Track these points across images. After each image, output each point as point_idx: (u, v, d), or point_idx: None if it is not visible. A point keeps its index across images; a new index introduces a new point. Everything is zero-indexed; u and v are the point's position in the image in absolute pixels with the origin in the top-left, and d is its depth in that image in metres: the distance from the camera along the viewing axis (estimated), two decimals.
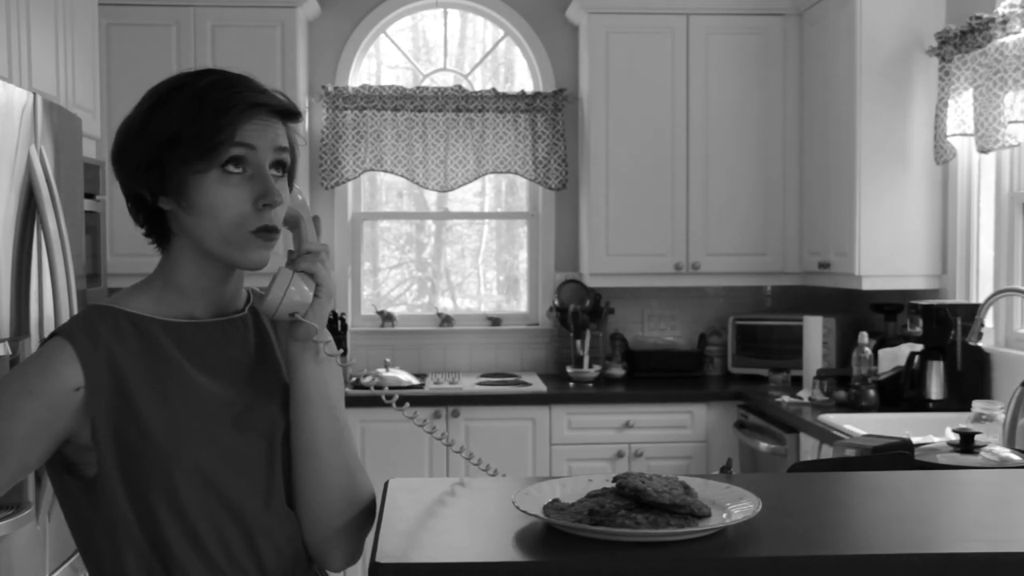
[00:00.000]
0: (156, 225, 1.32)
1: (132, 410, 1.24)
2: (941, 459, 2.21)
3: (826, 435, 3.16)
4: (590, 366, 4.40)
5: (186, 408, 1.27)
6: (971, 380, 3.44)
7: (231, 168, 1.24)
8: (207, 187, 1.24)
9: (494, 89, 4.52)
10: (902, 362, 3.52)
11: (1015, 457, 2.21)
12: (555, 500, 1.29)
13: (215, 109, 1.23)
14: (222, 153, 1.23)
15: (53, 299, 2.54)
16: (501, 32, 4.74)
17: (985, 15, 3.26)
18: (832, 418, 3.32)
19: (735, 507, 1.27)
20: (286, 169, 1.31)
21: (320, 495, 1.32)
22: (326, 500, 1.32)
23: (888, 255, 3.78)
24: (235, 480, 1.27)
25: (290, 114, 1.31)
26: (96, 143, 3.50)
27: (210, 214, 1.25)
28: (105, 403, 1.24)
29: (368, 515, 1.37)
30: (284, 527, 1.31)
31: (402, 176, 4.51)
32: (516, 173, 4.55)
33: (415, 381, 4.20)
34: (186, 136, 1.23)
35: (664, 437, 4.06)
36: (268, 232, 1.27)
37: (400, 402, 1.45)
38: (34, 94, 2.57)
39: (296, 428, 1.32)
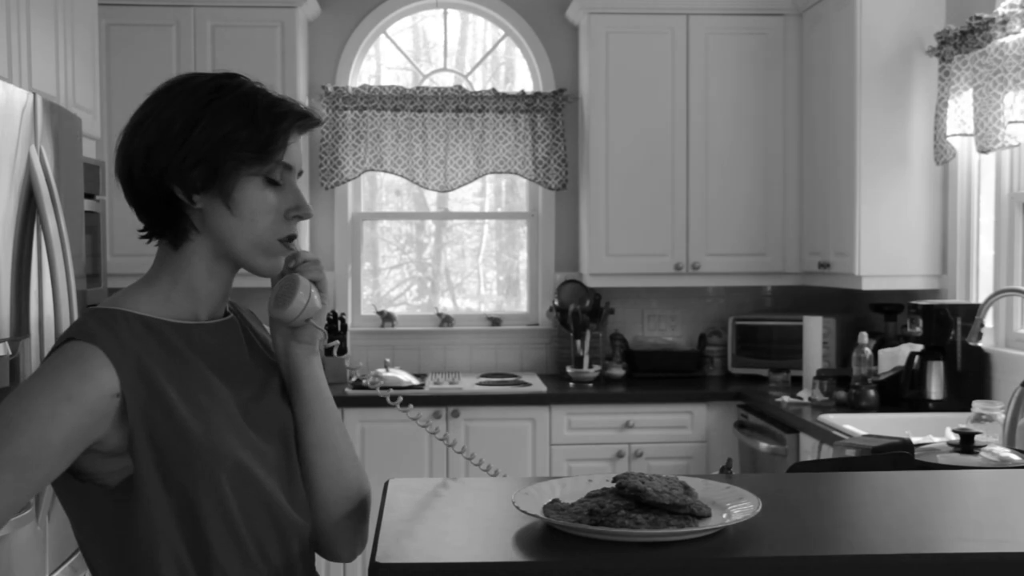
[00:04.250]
0: (170, 223, 1.30)
1: (167, 412, 1.22)
2: (941, 459, 2.21)
3: (826, 435, 3.16)
4: (590, 366, 4.40)
5: (214, 408, 1.27)
6: (971, 380, 3.44)
7: (275, 177, 1.30)
8: (252, 191, 1.29)
9: (494, 89, 4.52)
10: (902, 362, 3.52)
11: (1015, 457, 2.21)
12: (555, 500, 1.29)
13: (272, 116, 1.29)
14: (276, 159, 1.29)
15: (53, 299, 2.53)
16: (501, 32, 4.74)
17: (985, 15, 3.26)
18: (832, 418, 3.32)
19: (735, 507, 1.27)
20: None
21: (338, 487, 1.37)
22: (344, 491, 1.38)
23: (888, 255, 3.78)
24: (267, 478, 1.30)
25: (316, 124, 1.36)
26: (96, 143, 3.50)
27: (249, 218, 1.29)
28: (140, 408, 1.21)
29: (368, 505, 1.43)
30: (303, 523, 1.34)
31: (402, 176, 4.51)
32: (516, 173, 4.55)
33: (415, 381, 4.19)
34: (241, 138, 1.26)
35: (664, 437, 4.06)
36: (291, 241, 1.34)
37: (404, 403, 1.48)
38: (34, 94, 2.57)
39: (309, 424, 1.37)
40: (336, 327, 4.27)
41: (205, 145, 1.26)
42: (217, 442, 1.24)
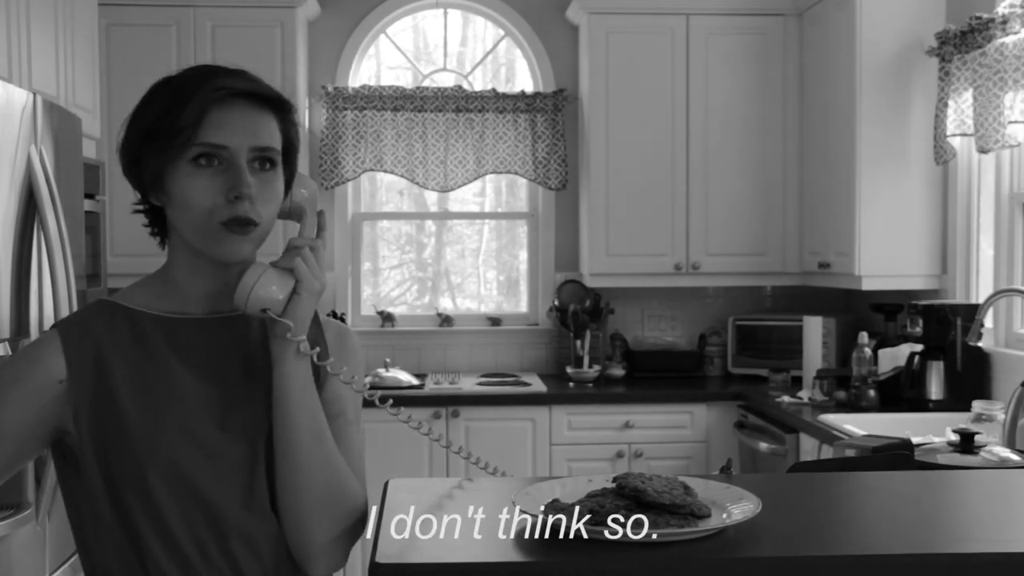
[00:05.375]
0: (154, 222, 1.35)
1: (112, 405, 1.25)
2: (941, 459, 2.21)
3: (826, 435, 3.16)
4: (590, 366, 4.40)
5: (167, 405, 1.26)
6: (971, 380, 3.44)
7: (202, 162, 1.24)
8: (180, 179, 1.25)
9: (494, 89, 4.52)
10: (902, 362, 3.52)
11: (1015, 457, 2.21)
12: (555, 500, 1.29)
13: (183, 98, 1.24)
14: (187, 140, 1.23)
15: (53, 299, 2.54)
16: (501, 32, 4.74)
17: (985, 15, 3.26)
18: (832, 418, 3.31)
19: (735, 507, 1.27)
20: (275, 164, 1.29)
21: (297, 496, 1.28)
22: (304, 501, 1.28)
23: (888, 255, 3.78)
24: (212, 479, 1.25)
25: (267, 100, 1.29)
26: (96, 143, 3.50)
27: (184, 206, 1.25)
28: (87, 397, 1.25)
29: (356, 524, 1.33)
30: (264, 530, 1.28)
31: (402, 176, 4.51)
32: (516, 173, 4.55)
33: (415, 381, 4.19)
34: (159, 129, 1.25)
35: (664, 437, 4.06)
36: (240, 224, 1.24)
37: (394, 405, 1.45)
38: (34, 94, 2.57)
39: (275, 425, 1.28)
40: None
41: (134, 144, 1.28)
42: (152, 439, 1.24)
